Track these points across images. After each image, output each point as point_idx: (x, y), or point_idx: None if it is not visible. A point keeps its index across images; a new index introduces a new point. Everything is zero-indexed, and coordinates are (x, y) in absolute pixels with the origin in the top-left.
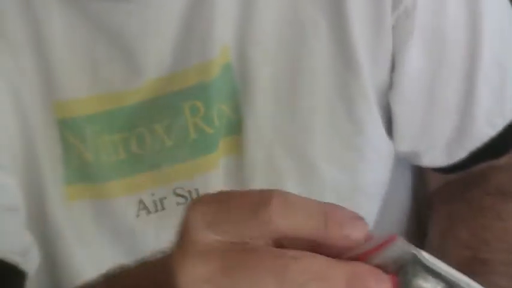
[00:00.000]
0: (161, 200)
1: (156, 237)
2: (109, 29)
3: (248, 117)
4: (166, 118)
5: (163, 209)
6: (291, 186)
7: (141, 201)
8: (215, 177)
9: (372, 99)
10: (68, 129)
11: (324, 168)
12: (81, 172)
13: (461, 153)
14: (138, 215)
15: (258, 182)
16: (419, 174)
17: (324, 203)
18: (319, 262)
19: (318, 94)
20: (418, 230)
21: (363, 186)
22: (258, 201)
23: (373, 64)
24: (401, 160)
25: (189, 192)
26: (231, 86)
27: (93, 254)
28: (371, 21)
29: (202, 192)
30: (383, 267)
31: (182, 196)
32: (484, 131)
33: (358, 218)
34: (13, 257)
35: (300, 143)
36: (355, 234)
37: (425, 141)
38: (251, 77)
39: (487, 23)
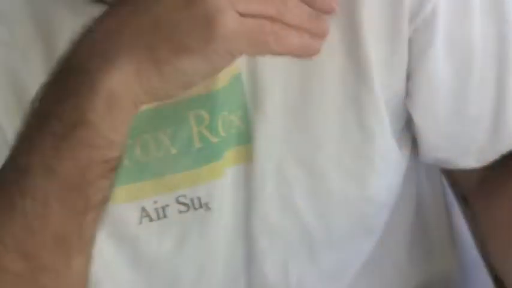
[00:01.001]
0: (163, 208)
1: (158, 244)
2: None
3: (258, 126)
4: (171, 126)
5: (165, 216)
6: (300, 195)
7: (143, 209)
8: (219, 186)
9: (383, 109)
10: None
11: (334, 178)
12: None
13: (492, 156)
14: (140, 222)
15: (268, 191)
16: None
17: None
18: None
19: (328, 104)
20: (424, 235)
21: (373, 197)
22: None
23: (386, 75)
24: (409, 168)
25: (192, 200)
26: (241, 96)
27: (97, 256)
28: (386, 33)
29: (204, 201)
30: None
31: (184, 204)
32: None
33: None
34: None
35: (310, 153)
36: None
37: (456, 149)
38: (262, 88)
39: None
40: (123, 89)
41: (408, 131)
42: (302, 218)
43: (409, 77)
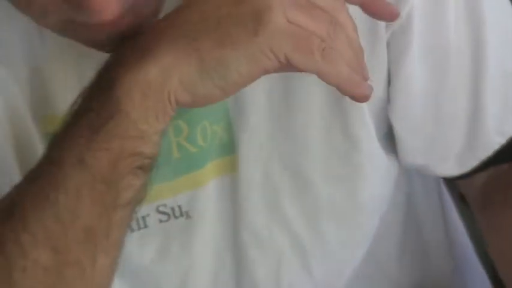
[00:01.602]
0: (144, 218)
1: (139, 254)
2: (96, 54)
3: (243, 136)
4: None
5: (145, 226)
6: (288, 204)
7: None
8: (200, 195)
9: (367, 114)
10: None
11: (321, 185)
12: None
13: (472, 163)
14: None
15: (255, 201)
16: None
17: None
18: None
19: (312, 111)
20: (417, 239)
21: (361, 203)
22: None
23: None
24: (399, 175)
25: (172, 209)
26: (223, 106)
27: None
28: (364, 38)
29: (185, 209)
30: None
31: (164, 213)
32: (495, 140)
33: None
34: None
35: (297, 160)
36: None
37: (434, 154)
38: (244, 97)
39: (490, 31)
40: (160, 79)
41: (392, 138)
42: (291, 227)
43: (389, 82)
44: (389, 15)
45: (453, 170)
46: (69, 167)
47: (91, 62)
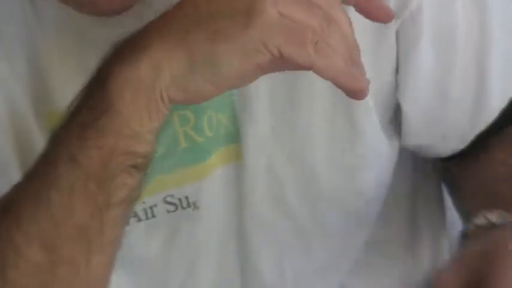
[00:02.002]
0: (151, 208)
1: (146, 244)
2: (97, 41)
3: (248, 126)
4: None
5: (153, 216)
6: (292, 193)
7: None
8: (207, 185)
9: (370, 101)
10: None
11: (325, 173)
12: None
13: (471, 136)
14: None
15: (259, 190)
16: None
17: None
18: None
19: (316, 101)
20: (418, 232)
21: (364, 191)
22: None
23: (372, 70)
24: (401, 160)
25: (180, 199)
26: (228, 96)
27: None
28: (371, 30)
29: (192, 200)
30: None
31: (172, 204)
32: (494, 114)
33: None
34: None
35: (300, 150)
36: None
37: (440, 133)
38: (249, 87)
39: (494, 15)
40: (150, 76)
41: (396, 121)
42: (294, 215)
43: (397, 69)
44: (384, 17)
45: (454, 147)
46: (62, 165)
47: (91, 50)
